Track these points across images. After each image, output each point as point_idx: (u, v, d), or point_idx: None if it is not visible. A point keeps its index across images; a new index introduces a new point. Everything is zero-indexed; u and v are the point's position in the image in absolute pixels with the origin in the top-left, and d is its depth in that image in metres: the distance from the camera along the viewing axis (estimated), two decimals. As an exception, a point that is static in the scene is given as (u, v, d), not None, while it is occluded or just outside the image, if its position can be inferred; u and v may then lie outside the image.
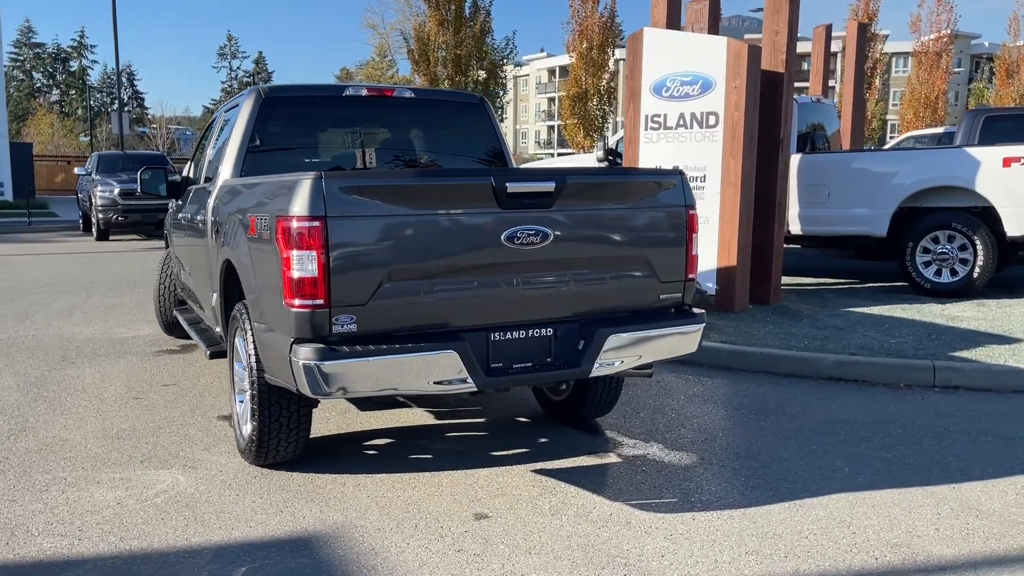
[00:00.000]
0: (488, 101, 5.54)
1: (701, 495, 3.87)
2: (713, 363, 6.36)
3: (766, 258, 8.25)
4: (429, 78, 26.39)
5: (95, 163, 20.31)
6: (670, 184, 3.98)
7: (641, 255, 3.91)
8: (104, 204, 17.83)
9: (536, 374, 3.78)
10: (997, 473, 4.15)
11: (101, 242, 18.27)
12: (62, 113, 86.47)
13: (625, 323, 3.87)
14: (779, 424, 4.94)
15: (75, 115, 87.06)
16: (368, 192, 3.35)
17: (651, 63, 8.24)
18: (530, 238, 3.58)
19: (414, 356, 3.40)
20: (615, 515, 3.65)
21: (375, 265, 3.36)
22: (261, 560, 3.22)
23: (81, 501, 3.79)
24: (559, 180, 3.63)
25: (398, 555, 3.27)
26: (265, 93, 4.94)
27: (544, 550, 3.31)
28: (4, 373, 6.18)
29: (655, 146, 8.24)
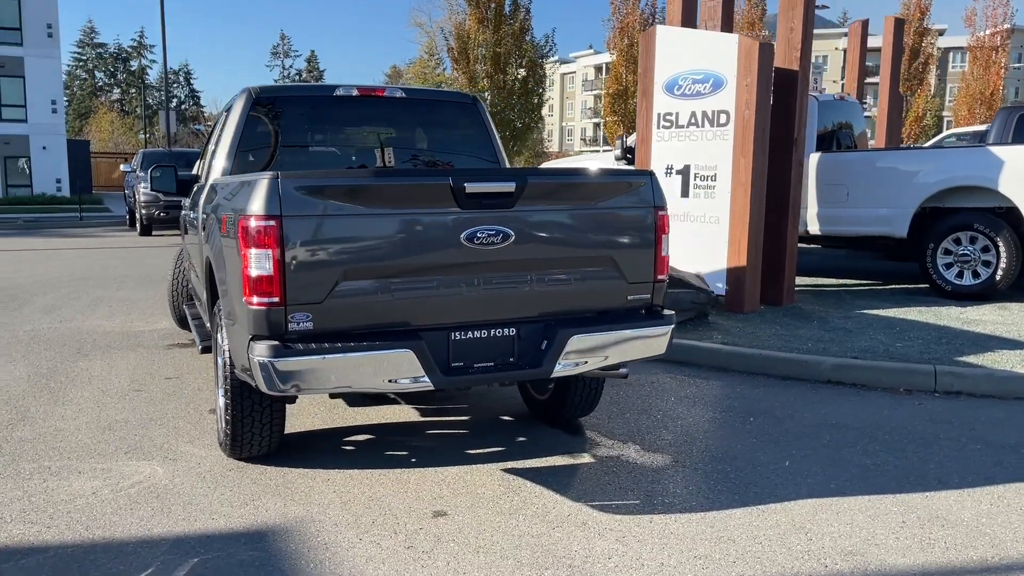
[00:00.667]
0: (481, 101, 5.56)
1: (665, 498, 3.85)
2: (711, 364, 6.31)
3: (779, 259, 8.14)
4: (468, 76, 26.53)
5: (140, 160, 20.85)
6: (638, 185, 3.96)
7: (607, 256, 3.90)
8: (147, 200, 18.29)
9: (497, 374, 3.79)
10: (976, 482, 4.05)
11: (143, 237, 18.75)
12: (122, 111, 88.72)
13: (589, 324, 3.86)
14: (764, 427, 4.89)
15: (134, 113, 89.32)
16: (324, 192, 3.40)
17: (663, 61, 8.19)
18: (490, 238, 3.60)
19: (369, 355, 3.44)
20: (573, 516, 3.65)
21: (331, 264, 3.42)
22: (215, 552, 3.30)
23: (59, 490, 3.92)
24: (519, 180, 3.64)
25: (348, 550, 3.32)
26: (256, 93, 5.03)
27: (493, 549, 3.33)
28: (19, 364, 6.40)
29: (667, 145, 8.19)
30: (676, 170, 8.13)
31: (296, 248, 3.35)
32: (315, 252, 3.40)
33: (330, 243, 3.42)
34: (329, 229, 3.41)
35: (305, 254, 3.38)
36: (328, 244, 3.41)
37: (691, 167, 8.00)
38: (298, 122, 5.20)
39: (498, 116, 27.21)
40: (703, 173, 7.91)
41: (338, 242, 3.43)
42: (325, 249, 3.41)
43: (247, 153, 4.95)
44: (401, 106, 5.40)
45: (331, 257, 3.42)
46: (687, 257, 7.99)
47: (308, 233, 3.38)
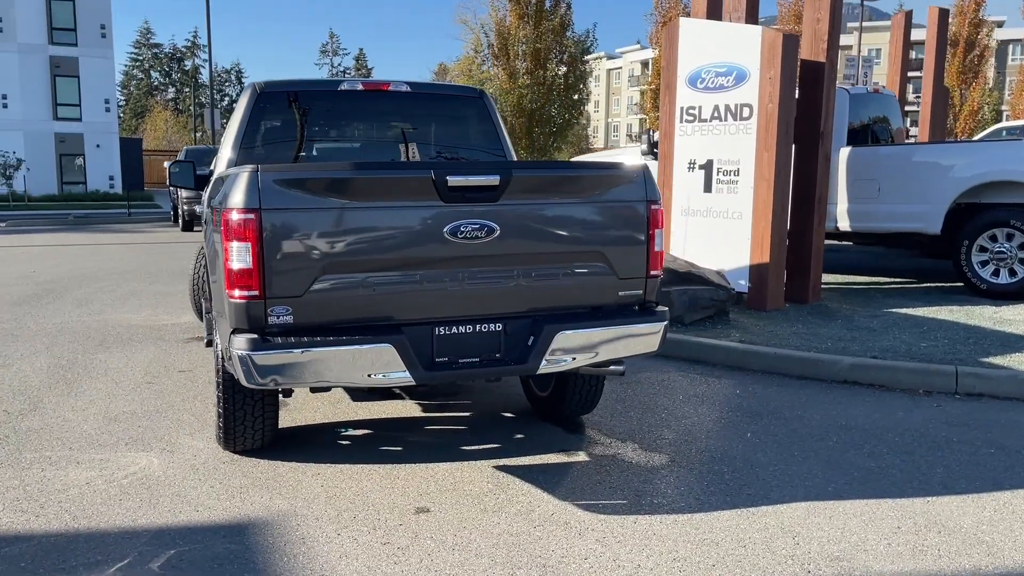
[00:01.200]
0: (487, 95, 5.52)
1: (654, 498, 3.77)
2: (725, 363, 6.18)
3: (804, 255, 7.96)
4: (508, 72, 26.49)
5: (184, 157, 21.26)
6: (630, 178, 3.88)
7: (597, 251, 3.83)
8: (188, 196, 18.62)
9: (482, 369, 3.75)
10: (983, 488, 3.89)
11: (185, 232, 19.08)
12: (176, 110, 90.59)
13: (578, 320, 3.80)
14: (769, 428, 4.77)
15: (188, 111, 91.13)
16: (304, 185, 3.39)
17: (686, 54, 8.05)
18: (475, 232, 3.55)
19: (348, 349, 3.43)
20: (557, 515, 3.60)
21: (311, 258, 3.40)
22: (193, 544, 3.31)
23: (55, 480, 3.98)
24: (504, 174, 3.59)
25: (324, 545, 3.31)
26: (260, 87, 5.06)
27: (469, 547, 3.29)
28: (42, 356, 6.54)
29: (689, 139, 8.06)
30: (699, 165, 7.99)
31: (275, 241, 3.35)
32: (295, 245, 3.39)
33: (310, 237, 3.40)
34: (309, 223, 3.40)
35: (284, 247, 3.37)
36: (308, 238, 3.40)
37: (714, 162, 7.86)
38: (302, 116, 5.21)
39: (538, 112, 27.16)
40: (726, 168, 7.76)
41: (318, 236, 3.41)
42: (305, 243, 3.40)
43: (251, 148, 4.98)
44: (407, 100, 5.37)
45: (311, 251, 3.41)
46: (709, 253, 7.86)
47: (288, 226, 3.37)
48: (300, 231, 3.39)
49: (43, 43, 37.44)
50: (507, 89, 26.73)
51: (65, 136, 37.94)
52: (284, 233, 3.37)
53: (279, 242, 3.36)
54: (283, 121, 5.14)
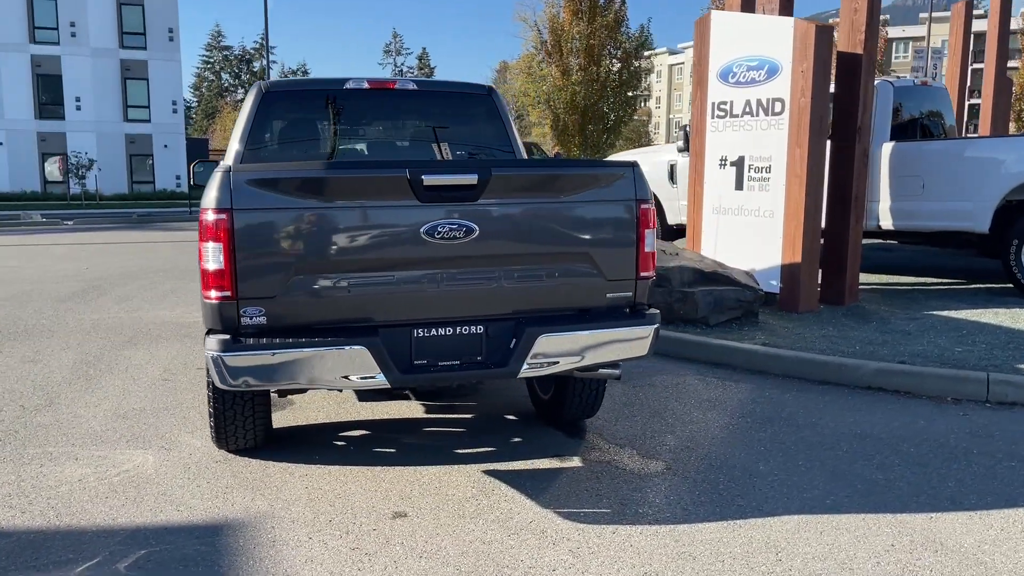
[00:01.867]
0: (497, 92, 5.43)
1: (640, 507, 3.65)
2: (747, 366, 5.99)
3: (840, 255, 7.68)
4: (561, 69, 26.32)
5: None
6: (617, 177, 3.75)
7: (583, 252, 3.72)
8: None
9: (462, 372, 3.68)
10: (994, 504, 3.66)
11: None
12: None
13: (562, 323, 3.70)
14: (778, 435, 4.58)
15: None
16: (277, 185, 3.36)
17: (718, 48, 7.84)
18: (452, 233, 3.48)
19: (319, 351, 3.39)
20: (535, 523, 3.50)
21: (284, 258, 3.37)
22: (165, 544, 3.32)
23: (50, 476, 4.04)
24: (483, 173, 3.50)
25: (293, 548, 3.28)
26: (266, 87, 5.06)
27: (437, 555, 3.23)
28: (71, 351, 6.69)
29: (721, 135, 7.84)
30: (730, 162, 7.77)
31: (247, 242, 3.33)
32: (267, 246, 3.36)
33: (283, 237, 3.38)
34: (282, 223, 3.37)
35: (257, 248, 3.35)
36: (281, 238, 3.37)
37: (745, 158, 7.63)
38: (308, 115, 5.21)
39: (592, 109, 26.93)
40: (757, 164, 7.53)
41: (292, 236, 3.38)
42: (278, 243, 3.37)
43: (255, 149, 4.98)
44: (414, 98, 5.33)
45: (284, 251, 3.38)
46: (741, 253, 7.64)
47: (260, 227, 3.35)
48: (273, 231, 3.37)
49: (114, 47, 38.69)
50: (560, 86, 26.56)
51: (135, 137, 39.15)
52: (257, 233, 3.34)
53: (251, 243, 3.34)
54: (288, 121, 5.15)
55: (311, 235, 3.40)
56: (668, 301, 6.90)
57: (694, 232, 8.21)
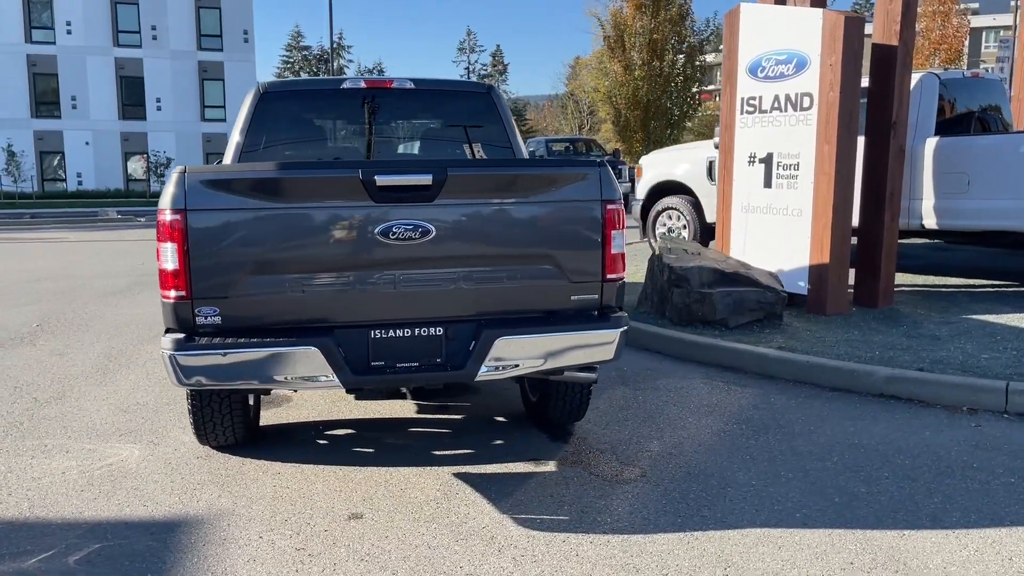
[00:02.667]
0: (497, 90, 5.37)
1: (599, 515, 3.56)
2: (757, 371, 5.80)
3: (874, 256, 7.37)
4: (624, 64, 26.03)
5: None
6: (580, 177, 3.66)
7: (545, 253, 3.64)
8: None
9: (421, 374, 3.65)
10: (976, 522, 3.45)
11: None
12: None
13: (524, 326, 3.63)
14: (769, 444, 4.42)
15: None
16: (231, 186, 3.39)
17: (747, 42, 7.61)
18: (408, 233, 3.45)
19: (270, 351, 3.40)
20: (488, 528, 3.45)
21: (238, 259, 3.40)
22: (120, 539, 3.38)
23: (36, 468, 4.17)
24: (438, 173, 3.47)
25: (240, 547, 3.31)
26: (263, 88, 5.12)
27: (379, 558, 3.21)
28: (98, 346, 6.92)
29: (750, 131, 7.62)
30: (759, 159, 7.54)
31: (201, 242, 3.36)
32: (221, 246, 3.39)
33: (237, 237, 3.40)
34: (236, 223, 3.40)
35: (210, 248, 3.38)
36: (235, 238, 3.40)
37: (774, 155, 7.39)
38: (306, 116, 5.25)
39: (654, 104, 26.57)
40: (786, 162, 7.28)
41: (245, 237, 3.40)
42: (231, 244, 3.40)
43: (251, 150, 5.04)
44: (411, 98, 5.31)
45: (238, 252, 3.40)
46: (770, 253, 7.42)
47: (213, 227, 3.38)
48: (227, 232, 3.39)
49: (192, 49, 39.95)
50: (622, 81, 26.29)
51: (211, 136, 40.31)
52: (210, 234, 3.38)
53: (205, 243, 3.37)
54: (285, 121, 5.18)
55: (265, 236, 3.42)
56: (686, 302, 6.74)
57: (723, 231, 8.00)
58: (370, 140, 5.37)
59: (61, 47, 38.68)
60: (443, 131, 5.48)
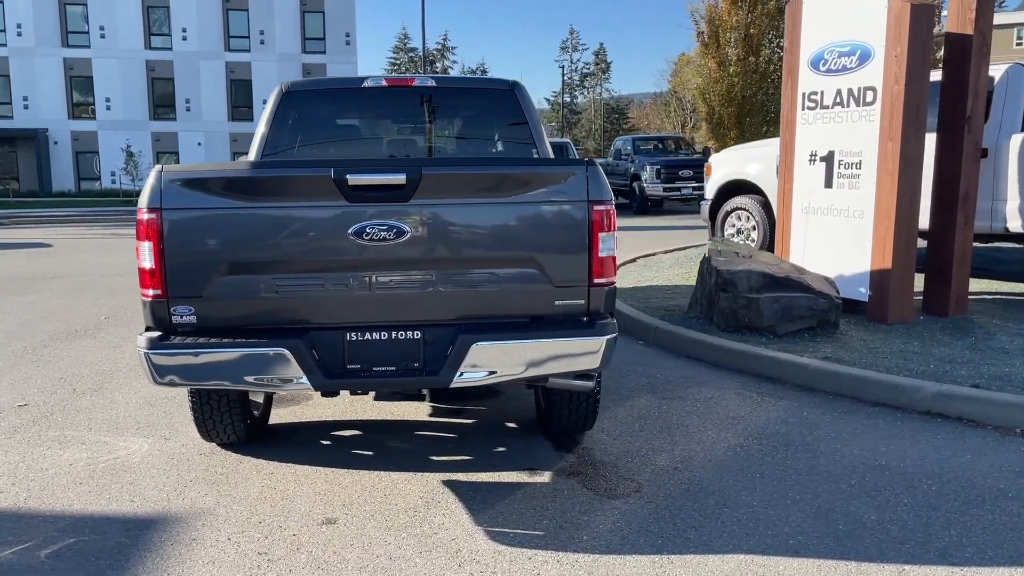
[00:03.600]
0: (522, 87, 5.23)
1: (577, 532, 3.38)
2: (798, 382, 5.46)
3: (944, 261, 6.86)
4: (718, 61, 25.35)
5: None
6: (565, 176, 3.49)
7: (527, 256, 3.49)
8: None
9: (396, 379, 3.55)
10: (991, 559, 3.11)
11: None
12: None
13: (501, 331, 3.49)
14: (786, 461, 4.13)
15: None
16: (205, 185, 3.38)
17: (810, 33, 7.22)
18: (382, 234, 3.37)
19: (242, 352, 3.37)
20: (457, 540, 3.33)
21: (211, 258, 3.38)
22: (96, 535, 3.42)
23: (49, 459, 4.29)
24: (412, 172, 3.37)
25: (207, 548, 3.29)
26: (286, 88, 5.14)
27: (336, 567, 3.13)
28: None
29: (811, 128, 7.23)
30: (820, 157, 7.14)
31: (176, 242, 3.36)
32: (194, 246, 3.38)
33: (210, 237, 3.39)
34: (209, 223, 3.38)
35: (184, 247, 3.38)
36: (208, 238, 3.39)
37: (835, 153, 6.98)
38: (328, 115, 5.24)
39: (748, 101, 25.74)
40: (848, 160, 6.86)
41: (218, 236, 3.39)
42: (204, 243, 3.39)
43: (273, 150, 5.07)
44: (433, 96, 5.24)
45: (211, 251, 3.39)
46: (830, 257, 7.02)
47: (187, 226, 3.37)
48: (201, 231, 3.39)
49: (297, 52, 41.26)
50: (716, 78, 25.58)
51: (313, 136, 41.46)
52: (185, 233, 3.37)
53: (179, 242, 3.37)
54: (307, 120, 5.19)
55: (238, 235, 3.39)
56: (733, 307, 6.43)
57: (783, 234, 7.61)
58: (391, 139, 5.33)
59: (177, 53, 40.62)
60: (465, 129, 5.38)
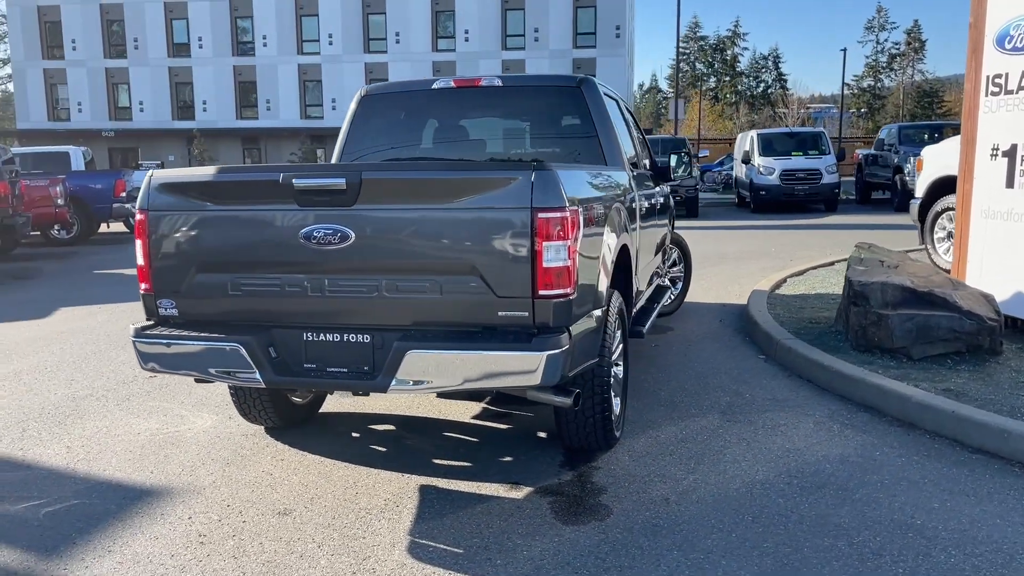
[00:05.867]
0: (591, 84, 4.98)
1: (500, 556, 3.20)
2: (899, 415, 4.70)
3: None
4: None
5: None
6: (506, 183, 3.29)
7: (468, 264, 3.35)
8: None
9: (347, 381, 3.58)
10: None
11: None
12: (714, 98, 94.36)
13: (440, 340, 3.39)
14: (799, 508, 3.59)
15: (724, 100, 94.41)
16: (179, 189, 3.64)
17: (996, 5, 6.12)
18: (328, 237, 3.43)
19: (203, 345, 3.59)
20: (375, 549, 3.30)
21: (185, 256, 3.65)
22: (95, 501, 3.79)
23: (127, 428, 4.83)
24: (352, 177, 3.38)
25: (162, 524, 3.54)
26: (363, 92, 5.35)
27: (238, 560, 3.22)
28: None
29: (994, 117, 6.15)
30: (1001, 151, 6.05)
31: (158, 241, 3.67)
32: (171, 245, 3.67)
33: (184, 237, 3.65)
34: (183, 224, 3.64)
35: (164, 246, 3.67)
36: (182, 238, 3.65)
37: (1018, 147, 5.88)
38: (400, 116, 5.36)
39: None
40: (1030, 155, 5.75)
41: (190, 236, 3.64)
42: (179, 242, 3.65)
43: (353, 151, 5.31)
44: (500, 95, 5.17)
45: (184, 250, 3.65)
46: (1010, 269, 5.95)
47: (167, 227, 3.66)
48: (176, 232, 3.66)
49: (568, 48, 42.22)
50: None
51: (580, 130, 42.24)
52: (164, 233, 3.67)
53: (160, 241, 3.67)
54: (382, 121, 5.35)
55: (206, 236, 3.62)
56: (863, 324, 5.67)
57: (960, 241, 6.54)
58: (459, 139, 5.33)
59: (459, 53, 43.31)
60: (532, 128, 5.25)
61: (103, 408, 5.24)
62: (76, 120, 46.95)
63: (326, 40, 44.54)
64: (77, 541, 3.41)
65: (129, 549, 3.33)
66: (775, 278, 9.06)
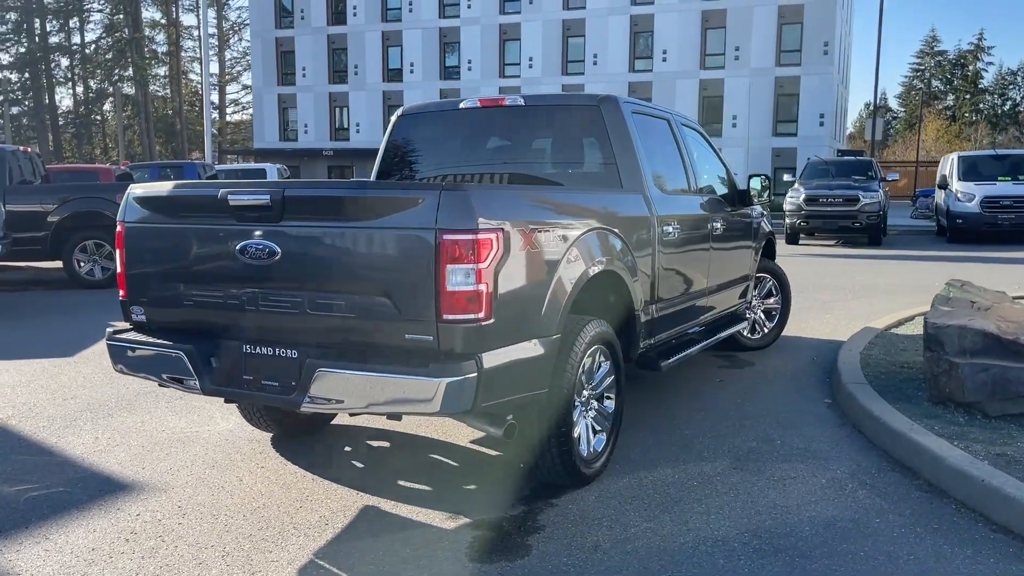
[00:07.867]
0: (613, 103, 4.74)
1: (377, 587, 3.12)
2: (933, 480, 4.07)
3: None
4: None
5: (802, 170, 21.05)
6: (413, 203, 3.19)
7: (378, 284, 3.29)
8: (790, 209, 18.61)
9: (277, 396, 3.60)
10: None
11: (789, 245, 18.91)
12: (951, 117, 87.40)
13: (347, 360, 3.36)
14: (736, 570, 3.20)
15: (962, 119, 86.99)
16: (147, 202, 3.86)
17: None
18: (258, 252, 3.51)
19: (154, 351, 3.78)
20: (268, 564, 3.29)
21: (147, 267, 3.88)
22: (76, 490, 4.06)
23: (160, 424, 5.16)
24: (275, 193, 3.43)
25: (108, 518, 3.71)
26: (400, 112, 5.44)
27: (150, 560, 3.33)
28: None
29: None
30: None
31: (130, 251, 3.92)
32: (139, 255, 3.90)
33: (146, 248, 3.87)
34: (146, 236, 3.87)
35: (134, 257, 3.91)
36: (145, 249, 3.87)
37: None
38: (431, 135, 5.37)
39: None
40: None
41: (150, 248, 3.86)
42: (144, 253, 3.88)
43: (387, 170, 5.42)
44: (522, 115, 5.07)
45: (147, 260, 3.87)
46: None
47: (136, 239, 3.90)
48: (142, 243, 3.89)
49: (771, 66, 40.63)
50: None
51: (780, 151, 40.49)
52: (135, 244, 3.91)
53: (132, 252, 3.92)
54: (416, 140, 5.40)
55: (164, 248, 3.83)
56: (935, 372, 4.98)
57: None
58: (484, 157, 5.28)
59: (656, 74, 42.89)
60: (554, 146, 5.09)
61: (151, 405, 5.63)
62: (302, 140, 51.14)
63: (527, 63, 45.66)
64: (29, 527, 3.67)
65: (63, 539, 3.54)
66: (903, 315, 8.16)
